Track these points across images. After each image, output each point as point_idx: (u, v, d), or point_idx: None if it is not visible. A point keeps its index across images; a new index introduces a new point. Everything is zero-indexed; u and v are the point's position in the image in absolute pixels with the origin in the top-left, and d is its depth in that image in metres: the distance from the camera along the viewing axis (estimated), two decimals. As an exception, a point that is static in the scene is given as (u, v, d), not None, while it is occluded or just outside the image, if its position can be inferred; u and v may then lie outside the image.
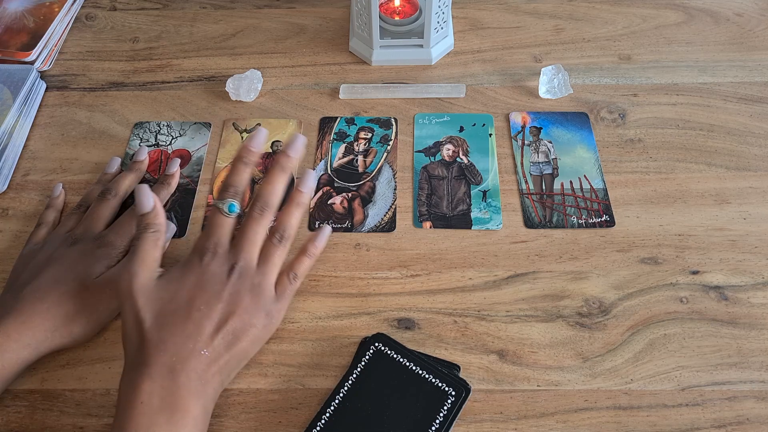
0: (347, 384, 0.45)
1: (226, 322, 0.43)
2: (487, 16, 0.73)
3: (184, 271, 0.45)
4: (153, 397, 0.40)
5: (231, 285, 0.45)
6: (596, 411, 0.45)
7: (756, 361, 0.47)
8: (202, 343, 0.42)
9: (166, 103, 0.65)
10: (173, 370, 0.41)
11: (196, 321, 0.43)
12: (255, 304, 0.45)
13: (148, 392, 0.40)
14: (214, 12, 0.74)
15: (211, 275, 0.45)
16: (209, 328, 0.43)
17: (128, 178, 0.57)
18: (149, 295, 0.44)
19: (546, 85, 0.64)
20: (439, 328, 0.49)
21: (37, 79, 0.66)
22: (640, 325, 0.49)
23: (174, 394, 0.40)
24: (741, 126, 0.62)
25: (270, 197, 0.48)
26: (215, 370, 0.43)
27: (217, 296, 0.44)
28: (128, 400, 0.40)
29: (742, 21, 0.71)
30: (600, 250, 0.53)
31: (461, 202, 0.57)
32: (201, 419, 0.41)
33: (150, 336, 0.42)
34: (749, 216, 0.55)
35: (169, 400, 0.40)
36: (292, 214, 0.49)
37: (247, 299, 0.45)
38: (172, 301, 0.44)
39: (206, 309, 0.43)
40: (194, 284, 0.44)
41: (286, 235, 0.48)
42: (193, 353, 0.42)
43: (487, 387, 0.47)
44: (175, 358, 0.41)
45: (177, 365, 0.41)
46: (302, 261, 0.49)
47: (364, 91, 0.65)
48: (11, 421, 0.46)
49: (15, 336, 0.44)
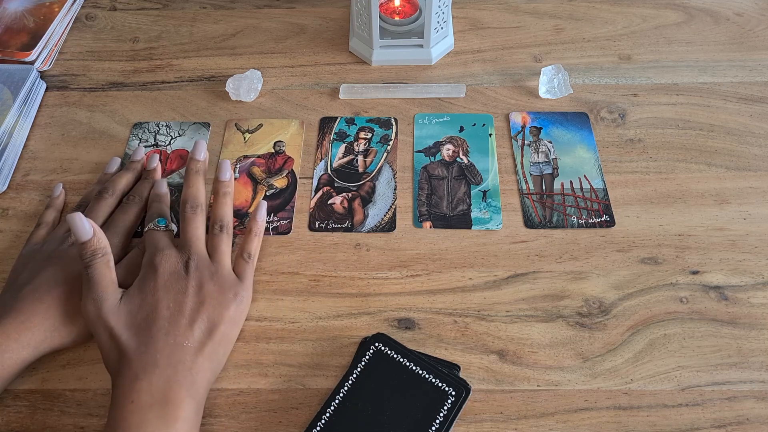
0: (347, 384, 0.45)
1: (198, 312, 0.45)
2: (487, 16, 0.73)
3: (143, 281, 0.46)
4: (142, 394, 0.40)
5: (192, 278, 0.46)
6: (596, 411, 0.45)
7: (756, 361, 0.47)
8: (182, 335, 0.43)
9: (166, 103, 0.65)
10: (158, 365, 0.42)
11: (170, 318, 0.44)
12: (220, 288, 0.47)
13: (137, 390, 0.41)
14: (214, 12, 0.74)
15: (169, 275, 0.46)
16: (184, 321, 0.44)
17: (125, 177, 0.57)
18: (118, 314, 0.45)
19: (546, 85, 0.64)
20: (439, 328, 0.50)
21: (37, 79, 0.66)
22: (640, 325, 0.49)
23: (162, 388, 0.41)
24: (741, 126, 0.62)
25: (196, 196, 0.51)
26: (202, 358, 0.44)
27: (182, 292, 0.45)
28: (119, 403, 0.41)
29: (742, 21, 0.71)
30: (600, 250, 0.53)
31: (461, 202, 0.57)
32: (193, 410, 0.42)
33: (128, 345, 0.43)
34: (749, 216, 0.55)
35: (159, 395, 0.41)
36: (223, 204, 0.52)
37: (211, 286, 0.47)
38: (141, 309, 0.45)
39: (175, 305, 0.45)
40: (156, 288, 0.46)
41: (224, 223, 0.51)
42: (175, 347, 0.43)
43: (487, 387, 0.47)
44: (158, 354, 0.42)
45: (161, 360, 0.42)
46: (251, 240, 0.52)
47: (364, 91, 0.65)
48: (12, 421, 0.46)
49: (14, 336, 0.44)
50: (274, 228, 0.56)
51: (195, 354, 0.43)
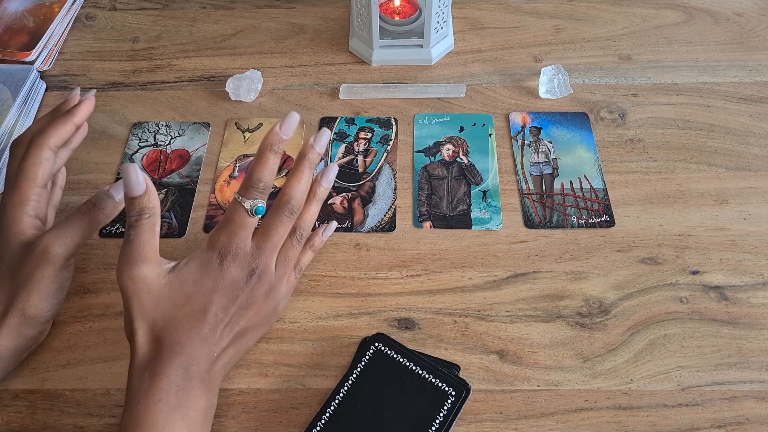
0: (347, 384, 0.45)
1: (237, 323, 0.43)
2: (487, 16, 0.73)
3: (202, 272, 0.43)
4: (170, 395, 0.40)
5: (249, 290, 0.44)
6: (596, 411, 0.45)
7: (756, 361, 0.47)
8: (216, 345, 0.43)
9: (166, 103, 0.65)
10: (188, 371, 0.41)
11: (212, 326, 0.42)
12: (267, 305, 0.45)
13: (166, 390, 0.40)
14: (214, 12, 0.74)
15: (230, 281, 0.43)
16: (223, 333, 0.43)
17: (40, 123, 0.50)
18: (159, 294, 0.42)
19: (546, 85, 0.64)
20: (439, 328, 0.50)
21: (37, 79, 0.66)
22: (640, 325, 0.49)
23: (189, 393, 0.41)
24: (741, 126, 0.62)
25: (300, 197, 0.46)
26: (221, 365, 0.43)
27: (233, 301, 0.43)
28: (145, 397, 0.39)
29: (742, 21, 0.71)
30: (600, 250, 0.53)
31: (461, 202, 0.57)
32: (209, 411, 0.42)
33: (164, 337, 0.41)
34: (749, 216, 0.55)
35: (183, 399, 0.40)
36: (311, 210, 0.48)
37: (261, 301, 0.45)
38: (187, 304, 0.42)
39: (222, 315, 0.43)
40: (211, 289, 0.43)
41: (305, 234, 0.48)
42: (207, 356, 0.42)
43: (487, 387, 0.47)
44: (190, 360, 0.41)
45: (192, 367, 0.41)
46: (307, 254, 0.50)
47: (364, 91, 0.65)
48: (11, 421, 0.46)
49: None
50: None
51: (217, 361, 0.43)
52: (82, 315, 0.51)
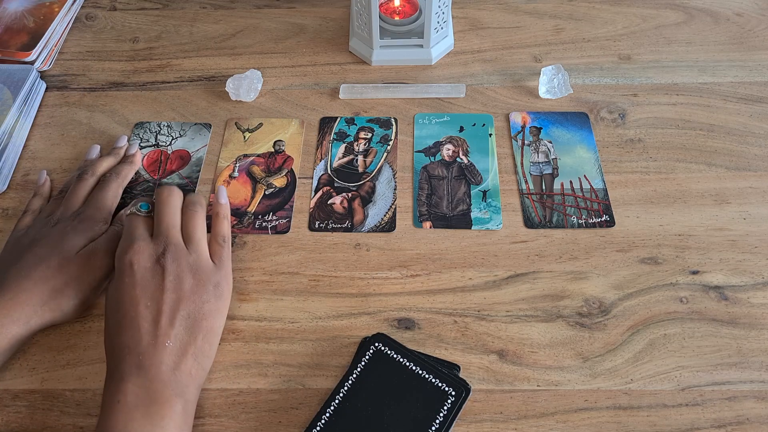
0: (347, 384, 0.45)
1: (177, 308, 0.44)
2: (487, 16, 0.73)
3: (120, 279, 0.46)
4: (128, 395, 0.41)
5: (169, 272, 0.45)
6: (596, 411, 0.45)
7: (756, 361, 0.47)
8: (163, 335, 0.43)
9: (166, 103, 0.65)
10: (141, 367, 0.42)
11: (149, 318, 0.44)
12: (198, 281, 0.46)
13: (123, 391, 0.41)
14: (214, 12, 0.74)
15: (145, 270, 0.45)
16: (164, 319, 0.44)
17: (106, 161, 0.58)
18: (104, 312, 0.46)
19: (546, 85, 0.64)
20: (439, 328, 0.49)
21: (37, 79, 0.66)
22: (640, 325, 0.49)
23: (148, 389, 0.41)
24: (741, 126, 0.62)
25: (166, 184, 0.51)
26: (188, 356, 0.44)
27: (159, 288, 0.45)
28: (107, 402, 0.41)
29: (742, 21, 0.71)
30: (600, 250, 0.53)
31: (461, 202, 0.57)
32: (181, 408, 0.42)
33: (112, 342, 0.44)
34: (749, 216, 0.55)
35: (144, 396, 0.41)
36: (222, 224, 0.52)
37: (190, 279, 0.46)
38: (119, 309, 0.44)
39: (153, 303, 0.44)
40: (133, 285, 0.45)
41: (196, 199, 0.51)
42: (156, 347, 0.43)
43: (487, 387, 0.47)
44: (140, 356, 0.42)
45: (144, 361, 0.42)
46: (221, 223, 0.52)
47: (364, 91, 0.65)
48: (11, 421, 0.46)
49: (4, 312, 0.45)
50: (272, 227, 0.55)
51: (180, 353, 0.43)
52: (82, 315, 0.51)
